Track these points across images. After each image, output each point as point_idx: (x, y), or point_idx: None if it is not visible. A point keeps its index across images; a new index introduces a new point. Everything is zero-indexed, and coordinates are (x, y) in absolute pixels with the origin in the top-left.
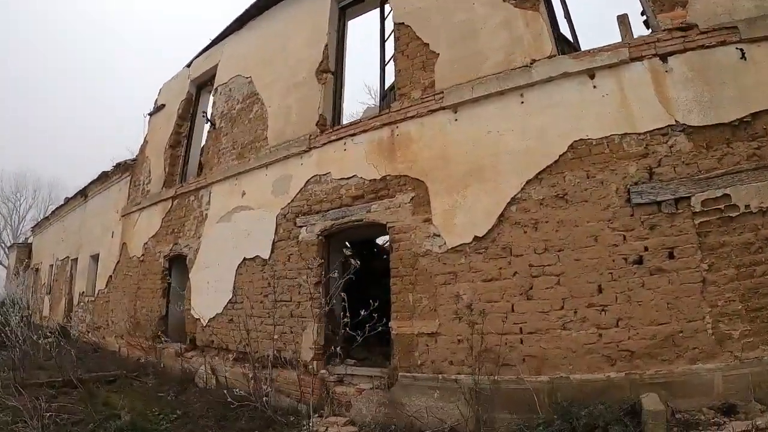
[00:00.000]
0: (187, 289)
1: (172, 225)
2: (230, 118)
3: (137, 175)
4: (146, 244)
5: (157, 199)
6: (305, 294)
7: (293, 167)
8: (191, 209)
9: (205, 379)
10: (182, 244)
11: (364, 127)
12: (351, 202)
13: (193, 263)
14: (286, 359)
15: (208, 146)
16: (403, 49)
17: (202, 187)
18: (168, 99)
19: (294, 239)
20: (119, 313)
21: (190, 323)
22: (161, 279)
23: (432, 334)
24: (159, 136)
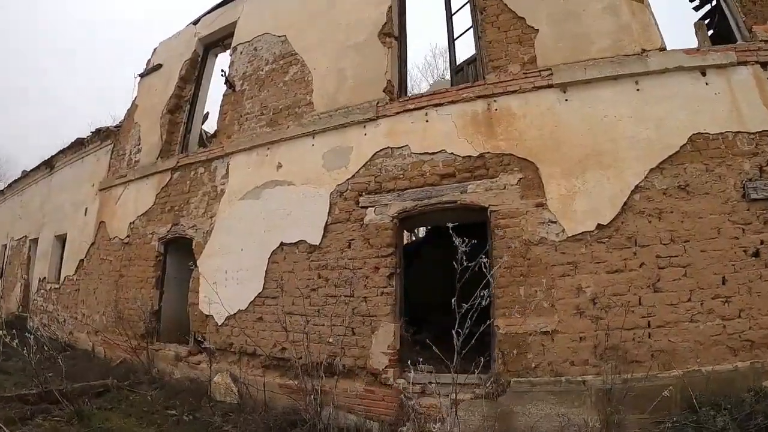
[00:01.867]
0: (192, 280)
1: (171, 202)
2: (256, 80)
3: (122, 144)
4: (133, 223)
5: (151, 171)
6: (374, 288)
7: (354, 137)
8: (199, 183)
9: (223, 391)
10: (186, 224)
11: (452, 97)
12: (438, 181)
13: (202, 248)
14: (344, 367)
15: (224, 111)
16: (492, 21)
17: (217, 157)
18: (166, 59)
19: (356, 222)
20: (94, 305)
21: (198, 321)
22: (154, 266)
23: (549, 332)
24: (153, 99)
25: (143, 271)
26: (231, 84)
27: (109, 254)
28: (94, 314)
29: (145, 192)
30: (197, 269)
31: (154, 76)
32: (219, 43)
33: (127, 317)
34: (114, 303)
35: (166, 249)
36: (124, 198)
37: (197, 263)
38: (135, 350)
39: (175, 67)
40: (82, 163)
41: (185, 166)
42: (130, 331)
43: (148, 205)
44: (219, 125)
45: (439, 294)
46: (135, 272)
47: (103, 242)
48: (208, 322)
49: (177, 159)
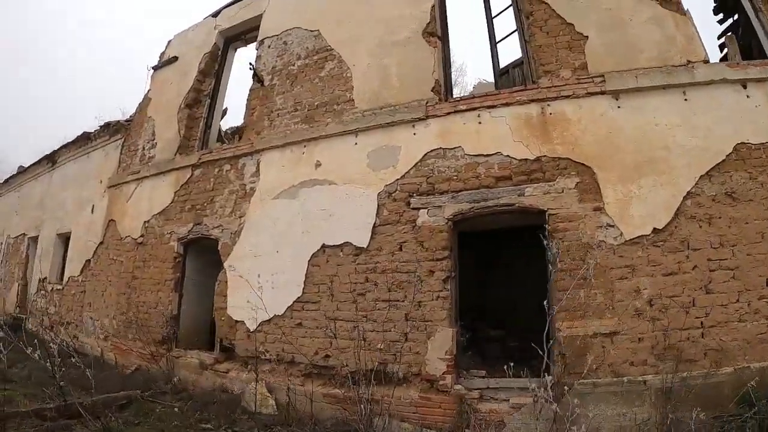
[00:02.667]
0: (219, 283)
1: (192, 200)
2: (288, 75)
3: (133, 138)
4: (148, 222)
5: (168, 167)
6: (429, 292)
7: (402, 136)
8: (225, 181)
9: (258, 402)
10: (210, 224)
11: (506, 99)
12: (493, 183)
13: (230, 250)
14: (396, 374)
15: (252, 106)
16: (540, 25)
17: (245, 154)
18: (183, 51)
19: (408, 224)
20: (102, 308)
21: (225, 327)
22: (173, 268)
23: (608, 333)
24: (169, 93)
25: (160, 273)
26: (259, 78)
27: (120, 254)
28: (103, 318)
29: (162, 189)
30: (224, 272)
31: (168, 69)
32: (240, 37)
33: (141, 322)
34: (126, 306)
35: (186, 250)
36: (137, 195)
37: (224, 265)
38: (152, 357)
39: (193, 60)
40: (87, 159)
41: (208, 162)
42: (145, 336)
43: (165, 204)
44: (246, 121)
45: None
46: (151, 274)
47: (112, 242)
48: (238, 328)
49: (199, 155)
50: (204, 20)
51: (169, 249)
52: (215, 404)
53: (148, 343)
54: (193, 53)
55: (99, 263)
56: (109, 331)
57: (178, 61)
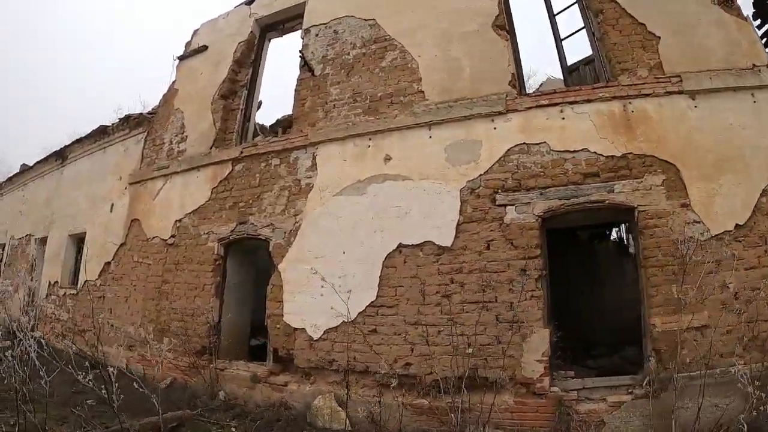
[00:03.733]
0: (272, 287)
1: (234, 197)
2: (342, 65)
3: (158, 132)
4: (180, 222)
5: (204, 162)
6: (522, 292)
7: (481, 131)
8: (274, 176)
9: (327, 417)
10: (258, 223)
11: (587, 95)
12: (581, 180)
13: (285, 251)
14: (487, 379)
15: (302, 96)
16: (612, 24)
17: (298, 147)
18: (213, 40)
19: (494, 221)
20: (126, 315)
21: (282, 335)
22: (213, 271)
23: (700, 327)
24: (199, 83)
25: (197, 277)
26: (310, 68)
27: (146, 257)
28: (128, 326)
29: (196, 186)
30: (278, 275)
31: (197, 58)
32: (278, 26)
33: (174, 330)
34: (155, 313)
35: (226, 251)
36: (165, 193)
37: (279, 268)
38: (189, 370)
39: (227, 49)
40: (103, 154)
41: (252, 156)
42: (180, 346)
43: (201, 201)
44: (296, 112)
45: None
46: (186, 278)
47: (137, 243)
48: (297, 336)
49: (240, 149)
50: (236, 8)
51: (208, 250)
52: (279, 422)
53: (184, 353)
54: (225, 42)
55: (121, 266)
56: (135, 341)
57: (208, 51)
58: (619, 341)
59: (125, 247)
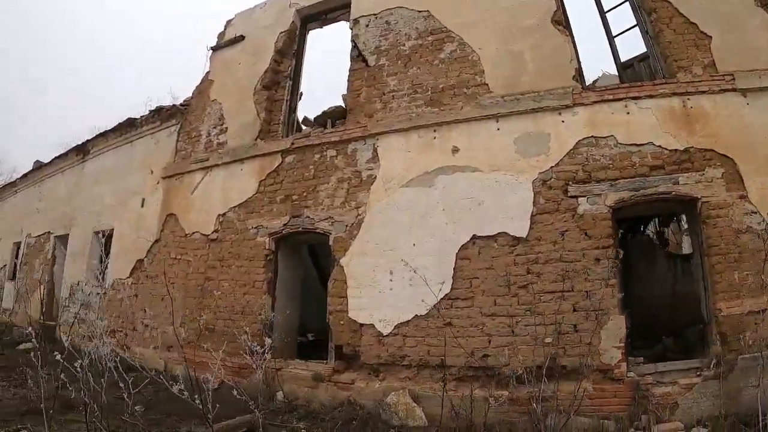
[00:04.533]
0: (334, 282)
1: (286, 190)
2: (398, 56)
3: (193, 124)
4: (224, 216)
5: (249, 154)
6: (597, 281)
7: (549, 123)
8: (331, 168)
9: (403, 414)
10: (315, 216)
11: (649, 91)
12: (647, 172)
13: (347, 244)
14: (565, 367)
15: (355, 87)
16: (666, 22)
17: (356, 138)
18: (250, 31)
19: (567, 212)
20: (163, 314)
21: (347, 332)
22: (264, 267)
23: (759, 311)
24: (237, 74)
25: (246, 273)
26: (364, 58)
27: (185, 253)
28: (166, 325)
29: (241, 178)
30: (341, 269)
31: (233, 49)
32: (319, 16)
33: (221, 329)
34: (198, 312)
35: (277, 246)
36: (205, 186)
37: (341, 262)
38: (238, 370)
39: (266, 39)
40: (131, 148)
41: (304, 148)
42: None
43: (247, 195)
44: (350, 103)
45: None
46: (233, 275)
47: (174, 239)
48: (364, 332)
49: (291, 140)
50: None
51: (258, 246)
52: (354, 421)
53: (234, 353)
54: (264, 32)
55: (156, 263)
56: (174, 341)
57: (245, 41)
58: (652, 334)
59: (160, 244)
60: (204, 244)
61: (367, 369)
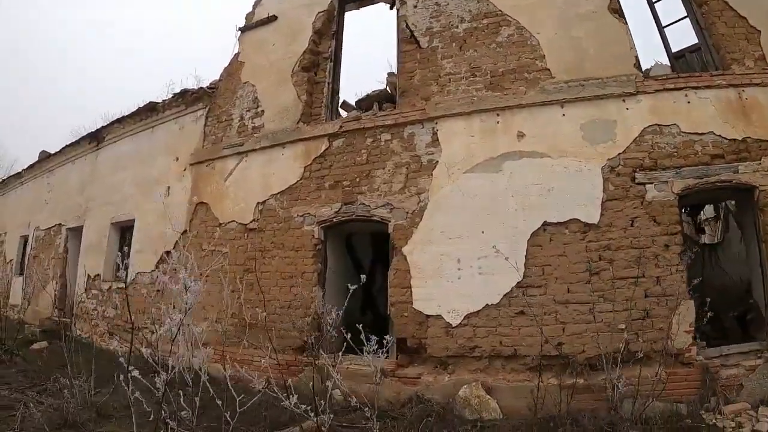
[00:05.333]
0: (395, 272)
1: (335, 175)
2: (452, 38)
3: (223, 107)
4: (264, 204)
5: (291, 138)
6: (667, 266)
7: (613, 111)
8: (386, 153)
9: (477, 407)
10: (371, 203)
11: (707, 82)
12: (709, 161)
13: (409, 232)
14: (638, 353)
15: (408, 69)
16: (717, 15)
17: (413, 122)
18: (283, 10)
19: (636, 199)
20: (197, 310)
21: (412, 324)
22: (313, 257)
23: None
24: (271, 55)
25: (292, 265)
26: (416, 39)
27: (219, 244)
28: (199, 322)
29: (282, 164)
30: (403, 259)
31: (266, 29)
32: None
33: (264, 325)
34: (238, 307)
35: (326, 235)
36: (241, 173)
37: (403, 251)
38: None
39: (302, 19)
40: (151, 134)
41: (355, 131)
42: (273, 342)
43: (291, 181)
44: (403, 85)
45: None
46: (276, 266)
47: (205, 229)
48: (431, 324)
49: (339, 123)
50: None
51: (304, 235)
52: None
53: (280, 350)
54: (299, 12)
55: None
56: (210, 339)
57: (278, 21)
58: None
59: (189, 234)
60: (241, 234)
61: (434, 362)
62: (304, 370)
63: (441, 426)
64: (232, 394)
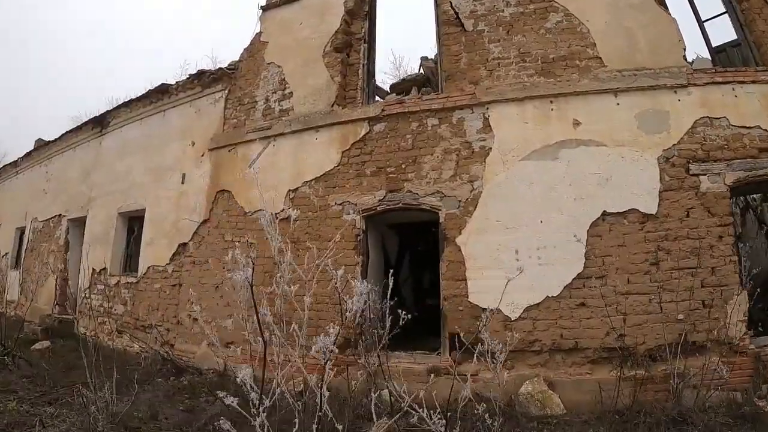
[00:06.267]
0: (447, 264)
1: (376, 161)
2: (498, 22)
3: (245, 89)
4: (296, 191)
5: (327, 121)
6: (721, 257)
7: (666, 101)
8: (434, 138)
9: (540, 403)
10: (419, 191)
11: (752, 77)
12: (756, 154)
13: (462, 222)
14: (695, 343)
15: (453, 52)
16: (757, 12)
17: (462, 106)
18: None
19: (690, 190)
20: (218, 306)
21: (467, 319)
22: (354, 248)
23: None
24: (300, 35)
25: (331, 256)
26: (461, 22)
27: (245, 235)
28: (222, 318)
29: (316, 148)
30: (455, 249)
31: (290, 8)
32: None
33: (299, 321)
34: (267, 302)
35: (367, 225)
36: (268, 158)
37: (456, 242)
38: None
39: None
40: (162, 118)
41: (397, 115)
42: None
43: (327, 167)
44: (450, 68)
45: None
46: (313, 258)
47: (227, 219)
48: (489, 318)
49: (381, 106)
50: None
51: (344, 225)
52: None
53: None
54: None
55: (204, 247)
56: (236, 336)
57: (304, 0)
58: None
59: (210, 225)
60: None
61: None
62: (346, 369)
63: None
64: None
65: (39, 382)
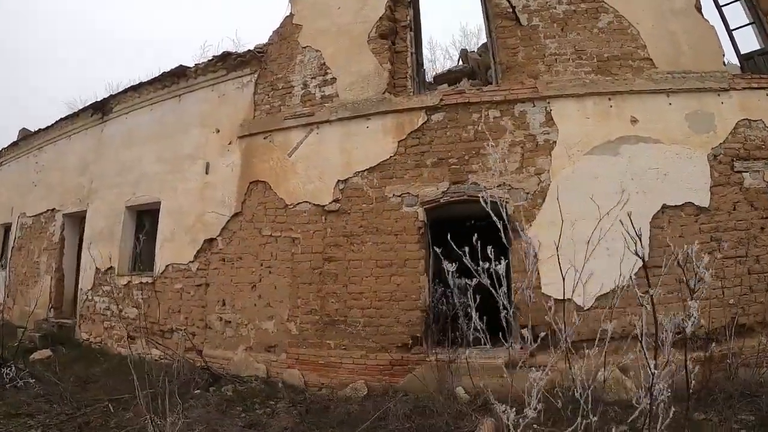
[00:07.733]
0: (519, 258)
1: (437, 152)
2: (552, 18)
3: (278, 73)
4: (347, 182)
5: (380, 109)
6: (763, 246)
7: (711, 104)
8: (497, 130)
9: (615, 389)
10: (484, 183)
11: None
12: None
13: (530, 214)
14: (744, 326)
15: (510, 45)
16: None
17: (523, 99)
18: None
19: (735, 185)
20: (256, 307)
21: (540, 309)
22: (417, 242)
23: None
24: (339, 19)
25: (390, 251)
26: (516, 16)
27: (287, 229)
28: (262, 320)
29: (368, 137)
30: (527, 242)
31: None
32: None
33: (354, 320)
34: (318, 301)
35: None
36: (310, 147)
37: (527, 233)
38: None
39: None
40: (177, 103)
41: (456, 106)
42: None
43: (382, 157)
44: (508, 61)
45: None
46: (369, 253)
47: (264, 211)
48: (562, 309)
49: (440, 96)
50: None
51: (404, 217)
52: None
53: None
54: None
55: (237, 243)
56: (278, 339)
57: None
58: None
59: (242, 218)
60: (318, 217)
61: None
62: (414, 369)
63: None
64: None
65: (56, 401)
